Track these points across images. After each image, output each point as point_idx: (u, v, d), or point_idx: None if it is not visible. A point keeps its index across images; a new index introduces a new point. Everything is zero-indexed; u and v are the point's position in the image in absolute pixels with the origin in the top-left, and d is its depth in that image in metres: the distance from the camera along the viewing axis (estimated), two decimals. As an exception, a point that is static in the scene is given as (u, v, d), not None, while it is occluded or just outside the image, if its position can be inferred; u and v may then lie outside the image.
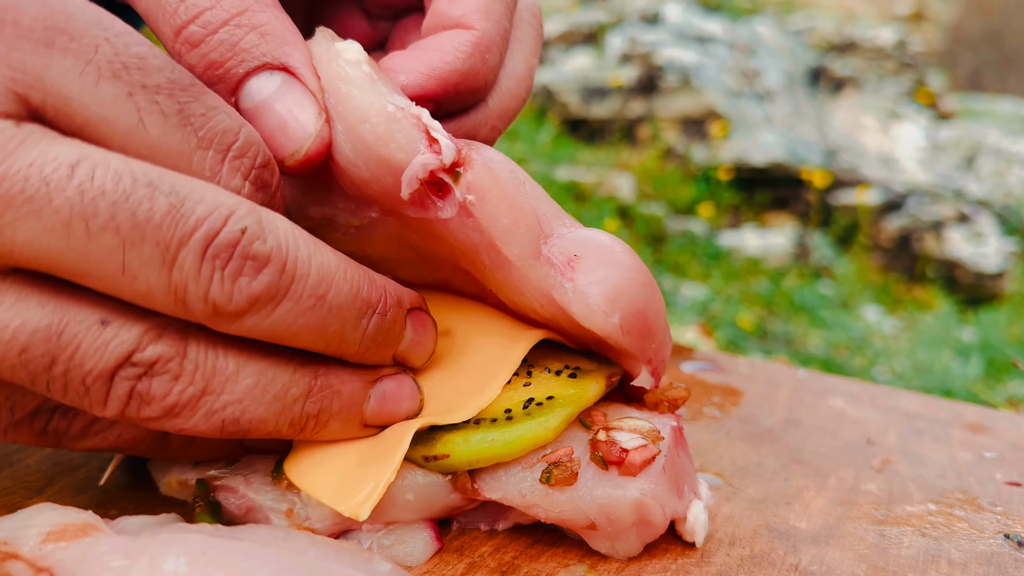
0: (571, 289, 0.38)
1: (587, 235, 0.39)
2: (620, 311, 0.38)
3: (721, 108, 4.89)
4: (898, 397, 0.66)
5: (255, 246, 0.31)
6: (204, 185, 0.31)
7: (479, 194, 0.37)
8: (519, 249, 0.38)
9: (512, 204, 0.38)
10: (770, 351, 3.08)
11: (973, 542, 0.45)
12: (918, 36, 5.98)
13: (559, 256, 0.38)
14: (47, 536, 0.31)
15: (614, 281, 0.38)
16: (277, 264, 0.32)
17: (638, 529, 0.40)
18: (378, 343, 0.37)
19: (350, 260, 0.35)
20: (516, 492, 0.39)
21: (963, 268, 4.51)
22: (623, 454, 0.38)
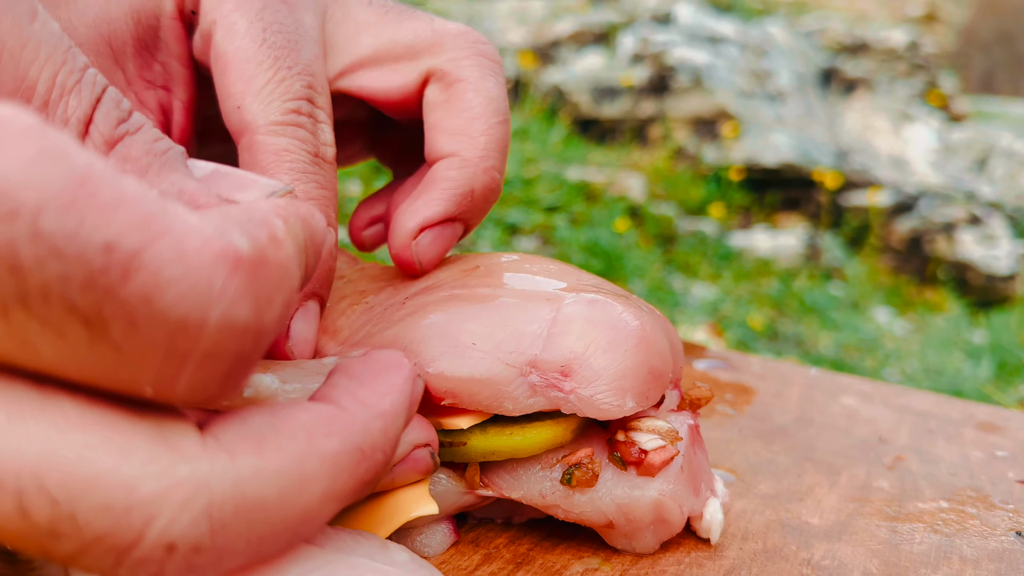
0: (575, 400, 0.38)
1: (563, 333, 0.38)
2: (630, 391, 0.38)
3: (732, 109, 4.89)
4: (910, 396, 0.66)
5: None
6: None
7: (450, 395, 0.38)
8: (511, 403, 0.38)
9: (478, 382, 0.38)
10: (780, 352, 3.08)
11: (985, 539, 0.45)
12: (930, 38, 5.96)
13: (550, 372, 0.38)
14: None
15: (612, 369, 0.38)
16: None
17: (656, 528, 0.40)
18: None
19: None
20: (536, 492, 0.39)
21: (974, 270, 4.50)
22: (642, 455, 0.39)
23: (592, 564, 0.40)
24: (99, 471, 0.22)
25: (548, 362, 0.38)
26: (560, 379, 0.38)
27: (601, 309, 0.39)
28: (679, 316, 3.02)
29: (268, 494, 0.25)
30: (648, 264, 3.61)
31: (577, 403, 0.38)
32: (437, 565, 0.38)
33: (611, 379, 0.38)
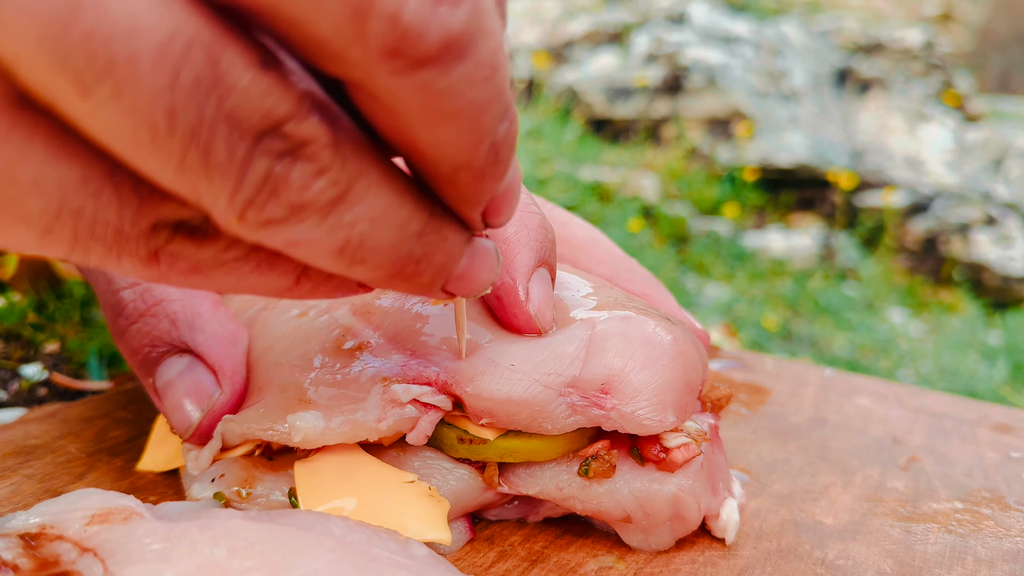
0: (616, 416, 0.38)
1: (601, 352, 0.39)
2: (671, 406, 0.39)
3: (746, 109, 4.88)
4: (924, 397, 0.66)
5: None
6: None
7: (487, 413, 0.38)
8: (550, 423, 0.38)
9: (517, 404, 0.38)
10: (795, 352, 3.07)
11: (1000, 540, 0.45)
12: (946, 37, 5.94)
13: (589, 391, 0.38)
14: (91, 519, 0.32)
15: (653, 384, 0.39)
16: (473, 4, 0.24)
17: (672, 524, 0.40)
18: (500, 161, 0.30)
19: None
20: (553, 485, 0.40)
21: (990, 271, 4.47)
22: (664, 452, 0.39)
23: (607, 562, 0.40)
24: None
25: (588, 380, 0.38)
26: (601, 397, 0.38)
27: (636, 325, 0.40)
28: (693, 316, 3.02)
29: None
30: (662, 264, 3.61)
31: (619, 420, 0.38)
32: (453, 562, 0.39)
33: (651, 394, 0.38)
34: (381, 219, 0.28)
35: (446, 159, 0.28)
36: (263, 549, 0.31)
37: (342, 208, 0.26)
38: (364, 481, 0.39)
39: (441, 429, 0.40)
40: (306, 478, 0.39)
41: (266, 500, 0.39)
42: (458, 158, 0.28)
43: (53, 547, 0.31)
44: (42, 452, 0.46)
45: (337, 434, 0.38)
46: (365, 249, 0.28)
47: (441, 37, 0.23)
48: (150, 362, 0.41)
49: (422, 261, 0.30)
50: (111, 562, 0.30)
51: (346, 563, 0.31)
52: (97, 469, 0.44)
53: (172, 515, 0.36)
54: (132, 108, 0.22)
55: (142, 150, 0.23)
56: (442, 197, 0.30)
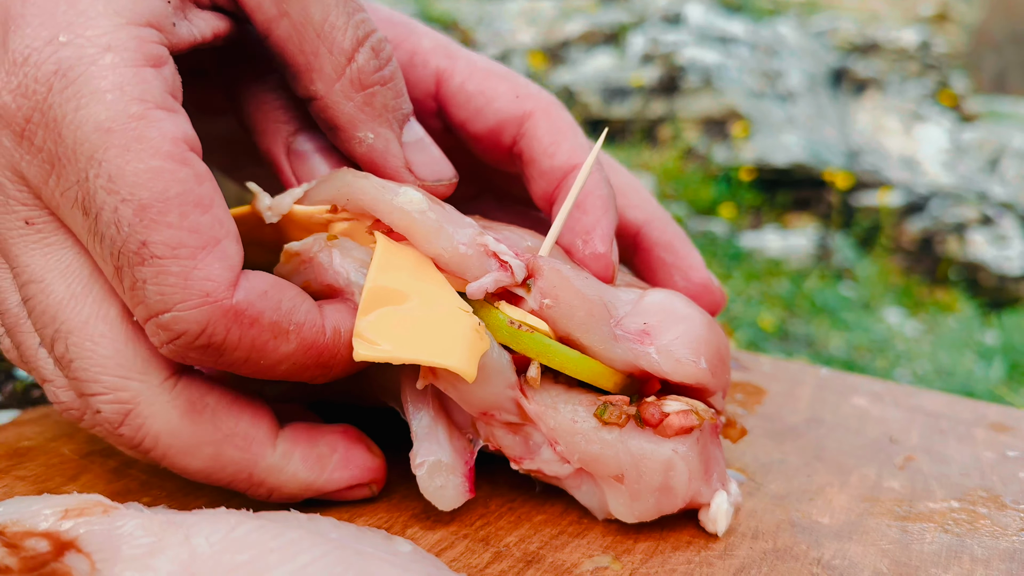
0: (655, 352, 0.42)
1: (648, 302, 0.43)
2: (704, 356, 0.42)
3: (743, 109, 4.88)
4: (921, 396, 0.66)
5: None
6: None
7: (553, 297, 0.41)
8: (597, 336, 0.41)
9: (584, 299, 0.41)
10: (791, 352, 3.07)
11: (996, 539, 0.45)
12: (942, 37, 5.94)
13: (632, 330, 0.42)
14: (65, 513, 0.32)
15: (690, 334, 0.42)
16: None
17: (659, 495, 0.41)
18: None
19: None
20: (569, 417, 0.41)
21: (986, 271, 4.48)
22: (662, 416, 0.40)
23: (602, 562, 0.40)
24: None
25: (633, 321, 0.42)
26: (643, 336, 0.42)
27: (677, 297, 0.45)
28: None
29: (254, 332, 0.36)
30: (658, 264, 3.59)
31: (656, 356, 0.41)
32: (448, 563, 0.38)
33: (686, 342, 0.42)
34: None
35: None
36: (252, 542, 0.31)
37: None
38: (427, 286, 0.40)
39: (491, 312, 0.41)
40: (385, 253, 0.40)
41: (342, 252, 0.41)
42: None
43: (29, 545, 0.31)
44: (35, 454, 0.45)
45: (426, 223, 0.40)
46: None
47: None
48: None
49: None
50: (97, 557, 0.30)
51: (332, 558, 0.31)
52: (91, 471, 0.44)
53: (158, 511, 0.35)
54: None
55: None
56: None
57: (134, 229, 0.33)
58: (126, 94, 0.34)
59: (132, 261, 0.34)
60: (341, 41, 0.41)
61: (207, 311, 0.34)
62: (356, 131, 0.43)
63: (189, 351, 0.35)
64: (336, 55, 0.41)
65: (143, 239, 0.33)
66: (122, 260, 0.34)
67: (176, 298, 0.34)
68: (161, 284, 0.34)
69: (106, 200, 0.33)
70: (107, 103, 0.33)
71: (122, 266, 0.34)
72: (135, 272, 0.34)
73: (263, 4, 0.40)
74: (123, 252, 0.34)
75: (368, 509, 0.43)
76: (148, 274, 0.33)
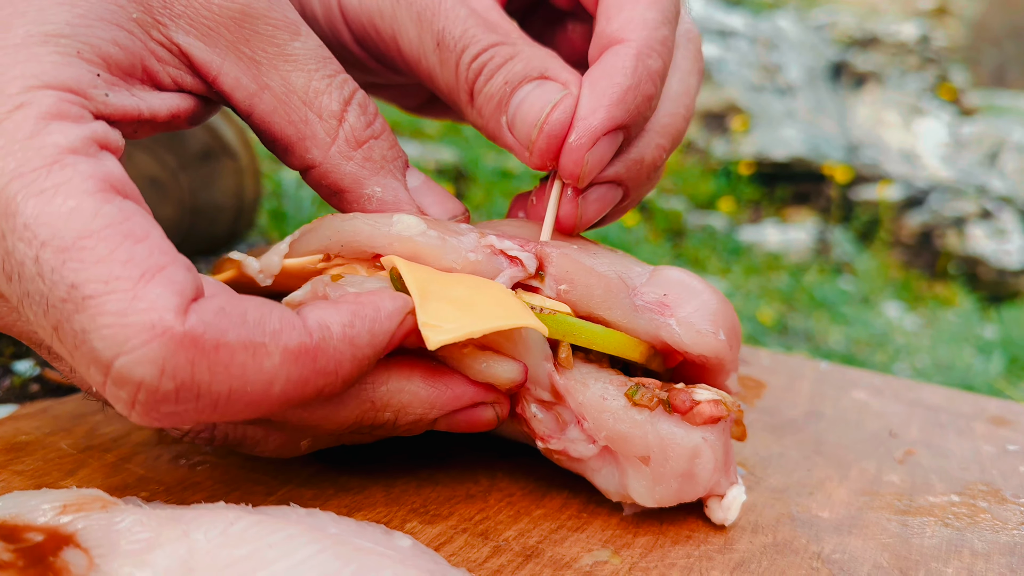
0: (675, 324, 0.42)
1: (664, 276, 0.44)
2: (722, 328, 0.43)
3: (742, 102, 4.87)
4: (920, 390, 0.66)
5: None
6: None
7: (568, 280, 0.41)
8: (619, 310, 0.42)
9: (599, 276, 0.42)
10: (790, 346, 3.07)
11: (996, 533, 0.45)
12: (941, 31, 5.93)
13: (651, 301, 0.43)
14: (63, 508, 0.32)
15: (709, 307, 0.43)
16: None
17: (683, 481, 0.41)
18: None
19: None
20: (599, 394, 0.41)
21: (985, 265, 4.47)
22: (693, 404, 0.41)
23: (602, 557, 0.40)
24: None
25: (652, 292, 0.43)
26: (662, 307, 0.43)
27: (689, 274, 0.45)
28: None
29: (224, 356, 0.31)
30: (657, 258, 3.61)
31: (676, 326, 0.42)
32: (447, 557, 0.38)
33: (705, 313, 0.43)
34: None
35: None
36: (252, 536, 0.31)
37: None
38: (461, 277, 0.40)
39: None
40: (408, 264, 0.39)
41: (356, 287, 0.39)
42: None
43: (28, 539, 0.31)
44: (33, 448, 0.45)
45: (430, 242, 0.40)
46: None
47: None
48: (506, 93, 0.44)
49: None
50: (96, 552, 0.30)
51: (330, 553, 0.31)
52: (88, 465, 0.44)
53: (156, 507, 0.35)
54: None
55: None
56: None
57: (58, 273, 0.29)
58: (37, 141, 0.31)
59: (66, 312, 0.30)
60: (328, 104, 0.40)
61: (158, 345, 0.30)
62: (363, 189, 0.42)
63: (161, 404, 0.31)
64: (326, 119, 0.40)
65: (71, 282, 0.29)
66: (55, 315, 0.30)
67: (120, 339, 0.29)
68: (101, 327, 0.29)
69: (26, 252, 0.30)
70: (16, 153, 0.30)
71: (59, 323, 0.30)
72: (73, 323, 0.30)
73: (241, 81, 0.39)
74: (52, 303, 0.30)
75: (367, 503, 0.43)
76: (85, 321, 0.30)
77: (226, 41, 0.38)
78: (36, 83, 0.32)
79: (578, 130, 0.42)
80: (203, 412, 0.32)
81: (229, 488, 0.43)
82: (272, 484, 0.44)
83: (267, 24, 0.39)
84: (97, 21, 0.34)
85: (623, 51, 0.43)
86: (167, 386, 0.30)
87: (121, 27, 0.35)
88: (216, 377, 0.31)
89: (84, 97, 0.33)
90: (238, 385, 0.32)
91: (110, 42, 0.34)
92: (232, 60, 0.38)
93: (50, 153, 0.31)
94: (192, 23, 0.37)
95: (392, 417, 0.39)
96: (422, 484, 0.45)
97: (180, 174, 0.90)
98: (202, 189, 0.92)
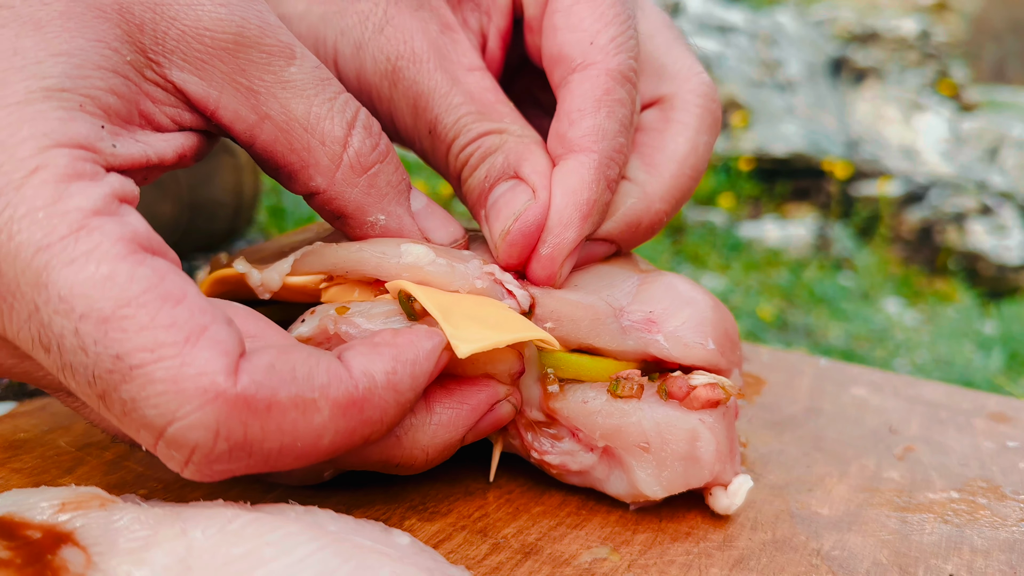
0: (663, 339, 0.43)
1: (650, 291, 0.45)
2: (712, 337, 0.43)
3: (742, 98, 4.87)
4: (920, 386, 0.66)
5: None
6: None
7: (555, 318, 0.42)
8: (607, 337, 0.42)
9: (584, 310, 0.42)
10: (790, 342, 3.07)
11: (996, 529, 0.45)
12: (941, 27, 5.93)
13: (638, 320, 0.43)
14: (62, 506, 0.32)
15: (696, 317, 0.43)
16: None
17: (686, 464, 0.41)
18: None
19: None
20: (579, 400, 0.41)
21: (985, 260, 4.48)
22: (689, 389, 0.41)
23: (600, 554, 0.40)
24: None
25: (638, 310, 0.43)
26: (649, 324, 0.43)
27: (679, 279, 0.45)
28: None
29: (276, 415, 0.31)
30: (657, 255, 3.61)
31: (664, 342, 0.43)
32: (446, 555, 0.38)
33: (693, 324, 0.43)
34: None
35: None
36: (250, 534, 0.31)
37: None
38: (470, 297, 0.41)
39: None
40: (422, 290, 0.40)
41: (366, 317, 0.40)
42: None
43: (26, 536, 0.30)
44: (31, 446, 0.45)
45: (437, 271, 0.40)
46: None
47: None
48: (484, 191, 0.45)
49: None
50: (94, 550, 0.30)
51: (329, 551, 0.31)
52: (87, 463, 0.44)
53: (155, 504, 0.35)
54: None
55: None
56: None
57: (102, 345, 0.29)
58: (60, 207, 0.30)
59: (113, 382, 0.30)
60: (331, 129, 0.39)
61: (212, 410, 0.30)
62: (367, 216, 0.42)
63: (215, 464, 0.31)
64: (330, 144, 0.39)
65: (115, 352, 0.29)
66: (102, 385, 0.30)
67: (173, 406, 0.29)
68: (152, 395, 0.29)
69: (64, 325, 0.29)
70: (41, 222, 0.30)
71: (106, 392, 0.30)
72: (121, 393, 0.30)
73: (240, 112, 0.38)
74: (99, 375, 0.30)
75: (365, 501, 0.43)
76: (134, 390, 0.29)
77: (221, 73, 0.37)
78: (48, 143, 0.31)
79: (551, 245, 0.43)
80: (254, 467, 0.32)
81: (227, 486, 0.43)
82: (270, 482, 0.44)
83: (261, 52, 0.38)
84: (94, 70, 0.33)
85: (586, 162, 0.43)
86: (221, 447, 0.30)
87: (117, 73, 0.34)
88: (268, 435, 0.31)
89: (94, 151, 0.32)
90: (289, 441, 0.32)
91: (108, 91, 0.34)
92: (229, 92, 0.38)
93: (75, 219, 0.30)
94: (186, 58, 0.37)
95: (423, 455, 0.39)
96: (421, 481, 0.45)
97: (179, 171, 0.90)
98: (201, 186, 0.92)
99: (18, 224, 0.30)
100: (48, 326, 0.30)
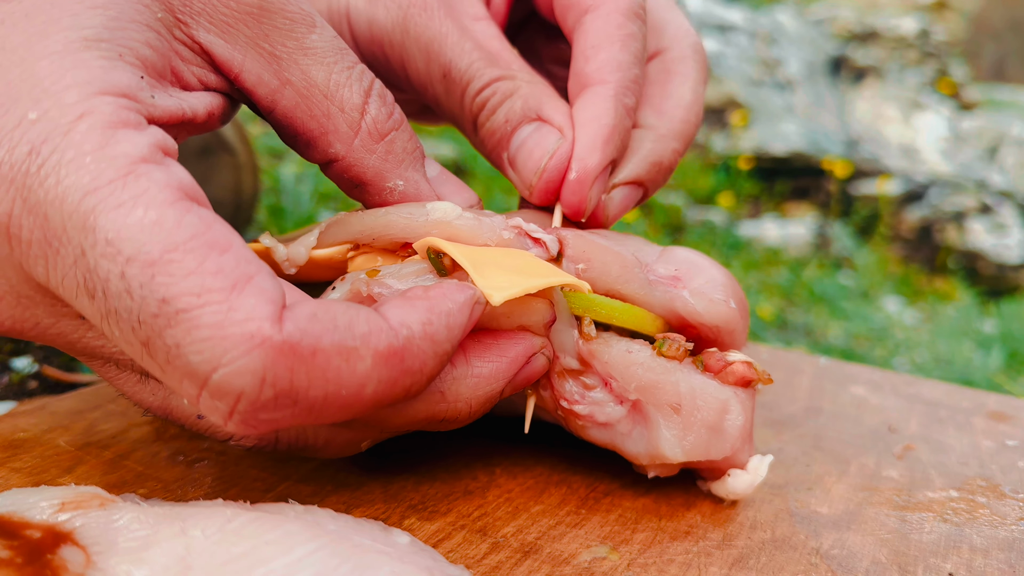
0: (688, 295, 0.44)
1: (673, 254, 0.46)
2: (733, 297, 0.45)
3: (742, 97, 4.87)
4: (920, 385, 0.66)
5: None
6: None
7: (585, 260, 0.43)
8: (635, 285, 0.44)
9: (615, 254, 0.43)
10: (790, 341, 3.07)
11: (995, 528, 0.45)
12: (941, 25, 5.92)
13: (664, 275, 0.45)
14: (62, 506, 0.32)
15: (718, 279, 0.46)
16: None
17: (711, 434, 0.42)
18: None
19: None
20: (624, 349, 0.42)
21: (985, 259, 4.47)
22: (727, 364, 0.43)
23: (600, 553, 0.40)
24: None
25: (664, 267, 0.45)
26: (674, 280, 0.45)
27: (697, 253, 0.47)
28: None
29: (321, 362, 0.31)
30: (657, 254, 3.58)
31: (689, 297, 0.44)
32: (445, 554, 0.38)
33: (716, 285, 0.45)
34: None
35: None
36: (249, 533, 0.31)
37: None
38: (497, 249, 0.42)
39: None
40: (451, 244, 0.40)
41: (396, 278, 0.40)
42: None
43: (26, 536, 0.30)
44: (31, 445, 0.45)
45: (465, 224, 0.41)
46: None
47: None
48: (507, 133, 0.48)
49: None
50: (93, 550, 0.30)
51: (329, 551, 0.31)
52: (86, 462, 0.44)
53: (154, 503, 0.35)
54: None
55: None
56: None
57: (148, 288, 0.29)
58: (108, 152, 0.30)
59: (158, 327, 0.29)
60: (350, 97, 0.40)
61: (259, 355, 0.29)
62: (386, 182, 0.42)
63: (260, 412, 0.31)
64: (349, 111, 0.40)
65: (161, 296, 0.29)
66: (146, 331, 0.30)
67: (219, 351, 0.29)
68: (197, 341, 0.29)
69: (110, 268, 0.29)
70: (88, 166, 0.30)
71: (149, 338, 0.30)
72: (165, 338, 0.29)
73: (263, 77, 0.39)
74: (143, 320, 0.29)
75: (365, 500, 0.43)
76: (179, 335, 0.29)
77: (246, 37, 0.38)
78: (92, 90, 0.31)
79: (577, 171, 0.46)
80: (299, 417, 0.32)
81: (227, 485, 0.43)
82: (270, 481, 0.44)
83: (284, 18, 0.39)
84: (130, 23, 0.34)
85: (604, 92, 0.47)
86: (267, 394, 0.30)
87: (150, 28, 0.35)
88: (313, 383, 0.31)
89: (136, 101, 0.33)
90: (333, 389, 0.32)
91: (144, 44, 0.34)
92: (253, 56, 0.39)
93: (123, 164, 0.30)
94: (212, 20, 0.37)
95: (467, 408, 0.40)
96: (420, 481, 0.45)
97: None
98: (200, 184, 0.92)
99: (66, 168, 0.30)
100: (94, 270, 0.30)
